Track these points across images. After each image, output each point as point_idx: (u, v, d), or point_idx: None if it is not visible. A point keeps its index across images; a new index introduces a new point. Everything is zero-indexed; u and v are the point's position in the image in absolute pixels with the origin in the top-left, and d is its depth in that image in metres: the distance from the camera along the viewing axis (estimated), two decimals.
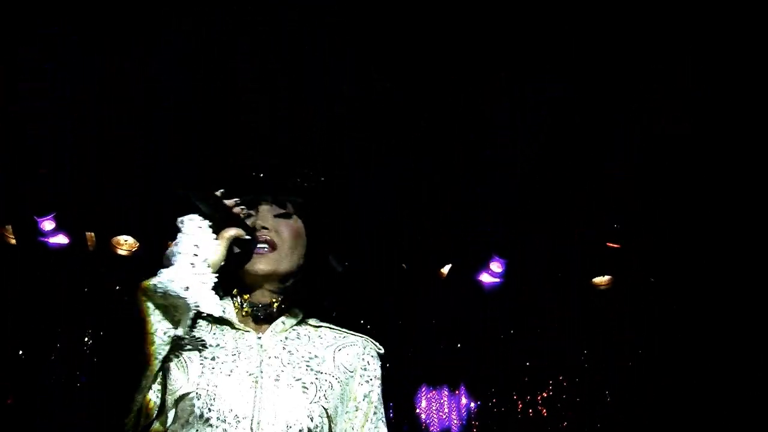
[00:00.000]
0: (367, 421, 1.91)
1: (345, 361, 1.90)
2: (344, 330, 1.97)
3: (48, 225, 4.30)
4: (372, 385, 1.93)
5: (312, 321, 1.94)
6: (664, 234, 4.27)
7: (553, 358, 4.45)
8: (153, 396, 1.75)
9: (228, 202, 1.75)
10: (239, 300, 1.89)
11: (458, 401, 4.51)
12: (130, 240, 4.41)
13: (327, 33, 3.78)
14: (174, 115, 4.01)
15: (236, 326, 1.86)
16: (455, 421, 4.43)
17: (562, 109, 3.95)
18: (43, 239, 4.32)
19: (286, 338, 1.89)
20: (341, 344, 1.93)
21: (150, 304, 1.65)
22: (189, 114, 4.02)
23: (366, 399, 1.92)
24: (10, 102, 3.96)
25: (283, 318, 1.90)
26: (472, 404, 4.52)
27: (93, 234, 4.38)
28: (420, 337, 4.36)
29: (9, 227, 4.34)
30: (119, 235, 4.40)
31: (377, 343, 1.97)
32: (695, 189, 4.10)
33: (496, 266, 4.34)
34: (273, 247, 1.86)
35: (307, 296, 1.92)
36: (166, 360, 1.74)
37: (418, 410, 4.44)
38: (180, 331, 1.69)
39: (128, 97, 3.96)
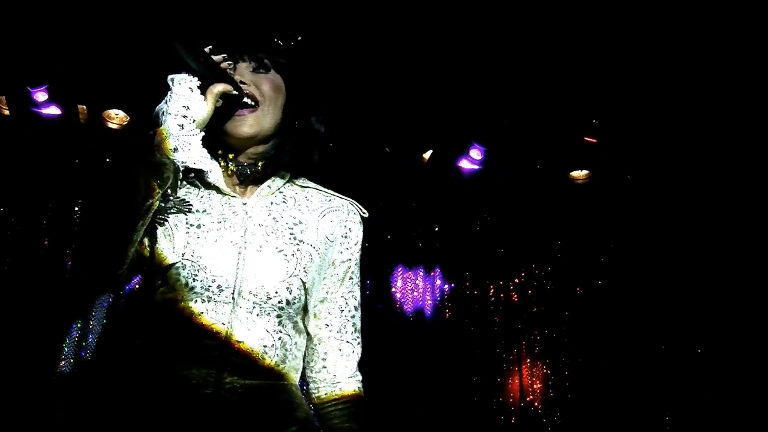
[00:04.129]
0: (342, 285, 1.94)
1: (327, 230, 1.91)
2: (331, 192, 1.98)
3: (41, 96, 4.38)
4: (351, 252, 1.95)
5: (299, 181, 1.95)
6: (642, 131, 4.33)
7: (526, 246, 4.54)
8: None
9: (215, 57, 1.76)
10: (225, 161, 1.88)
11: (432, 283, 4.62)
12: (121, 114, 4.48)
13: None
14: None
15: (223, 191, 1.85)
16: (428, 302, 4.54)
17: None
18: (36, 110, 4.40)
19: (272, 203, 1.89)
20: (326, 208, 1.93)
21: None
22: None
23: (343, 264, 1.94)
24: None
25: (268, 182, 1.90)
26: (446, 286, 4.64)
27: (85, 107, 4.45)
28: (399, 220, 4.43)
29: (2, 98, 4.41)
30: (111, 108, 4.47)
31: (362, 208, 1.98)
32: (675, 86, 4.15)
33: (475, 153, 4.44)
34: (254, 100, 1.85)
35: (292, 155, 1.92)
36: (154, 227, 1.77)
37: (393, 289, 4.56)
38: (167, 190, 1.72)
39: None
